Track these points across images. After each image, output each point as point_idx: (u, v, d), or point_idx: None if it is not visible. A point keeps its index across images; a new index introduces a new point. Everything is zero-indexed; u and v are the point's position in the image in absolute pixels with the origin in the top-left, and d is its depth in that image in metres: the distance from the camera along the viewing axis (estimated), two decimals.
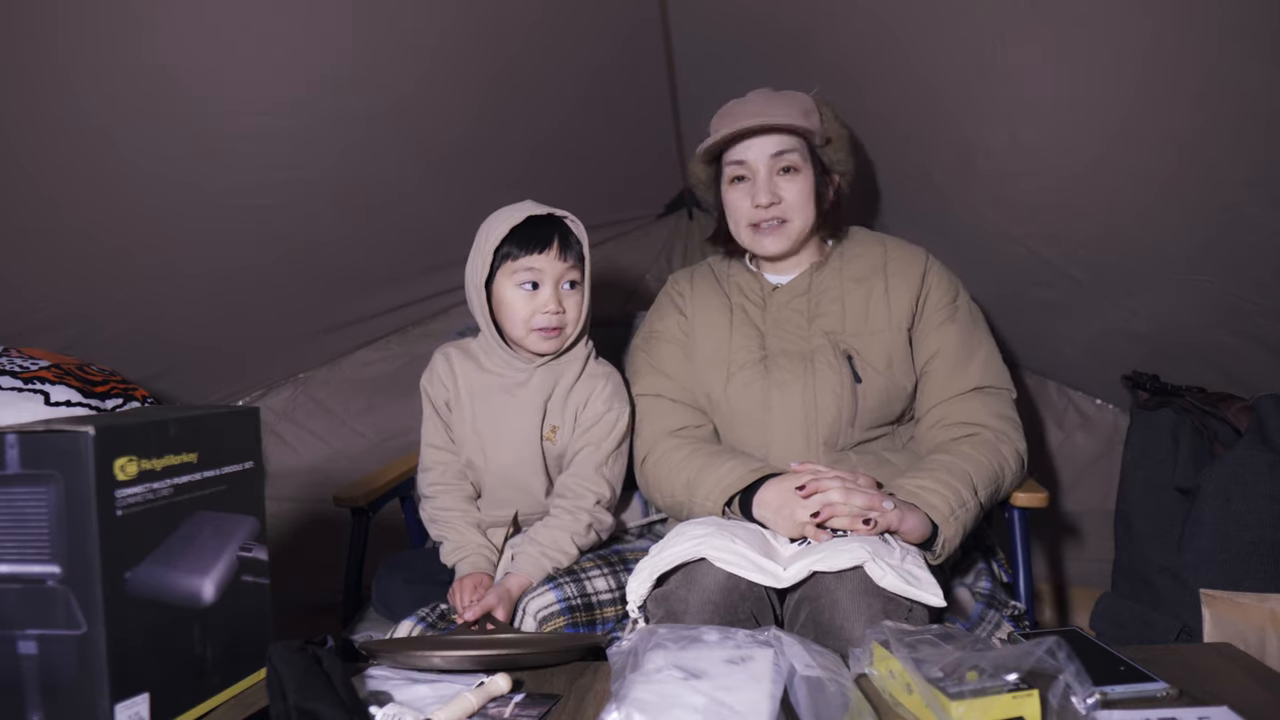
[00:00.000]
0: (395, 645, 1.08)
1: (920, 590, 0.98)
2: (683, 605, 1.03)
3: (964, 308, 1.35)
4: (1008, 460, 1.26)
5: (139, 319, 1.74)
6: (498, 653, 0.98)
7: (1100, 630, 1.66)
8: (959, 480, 1.17)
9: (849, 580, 1.00)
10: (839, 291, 1.34)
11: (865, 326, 1.31)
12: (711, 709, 0.70)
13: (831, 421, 1.27)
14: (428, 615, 1.24)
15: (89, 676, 0.77)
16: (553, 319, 1.32)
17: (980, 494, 1.19)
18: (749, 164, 1.31)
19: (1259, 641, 1.04)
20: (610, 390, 1.38)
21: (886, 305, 1.31)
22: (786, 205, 1.31)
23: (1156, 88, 1.23)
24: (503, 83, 1.67)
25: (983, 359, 1.32)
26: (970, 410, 1.28)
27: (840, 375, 1.27)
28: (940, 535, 1.13)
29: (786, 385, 1.29)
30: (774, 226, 1.32)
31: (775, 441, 1.29)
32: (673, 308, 1.44)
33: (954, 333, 1.32)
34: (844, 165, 1.38)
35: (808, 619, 1.02)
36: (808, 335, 1.32)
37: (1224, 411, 1.57)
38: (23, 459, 0.78)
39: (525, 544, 1.30)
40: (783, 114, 1.29)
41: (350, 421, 2.16)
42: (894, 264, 1.35)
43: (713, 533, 1.06)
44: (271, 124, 1.50)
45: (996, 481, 1.23)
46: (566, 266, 1.33)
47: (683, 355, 1.39)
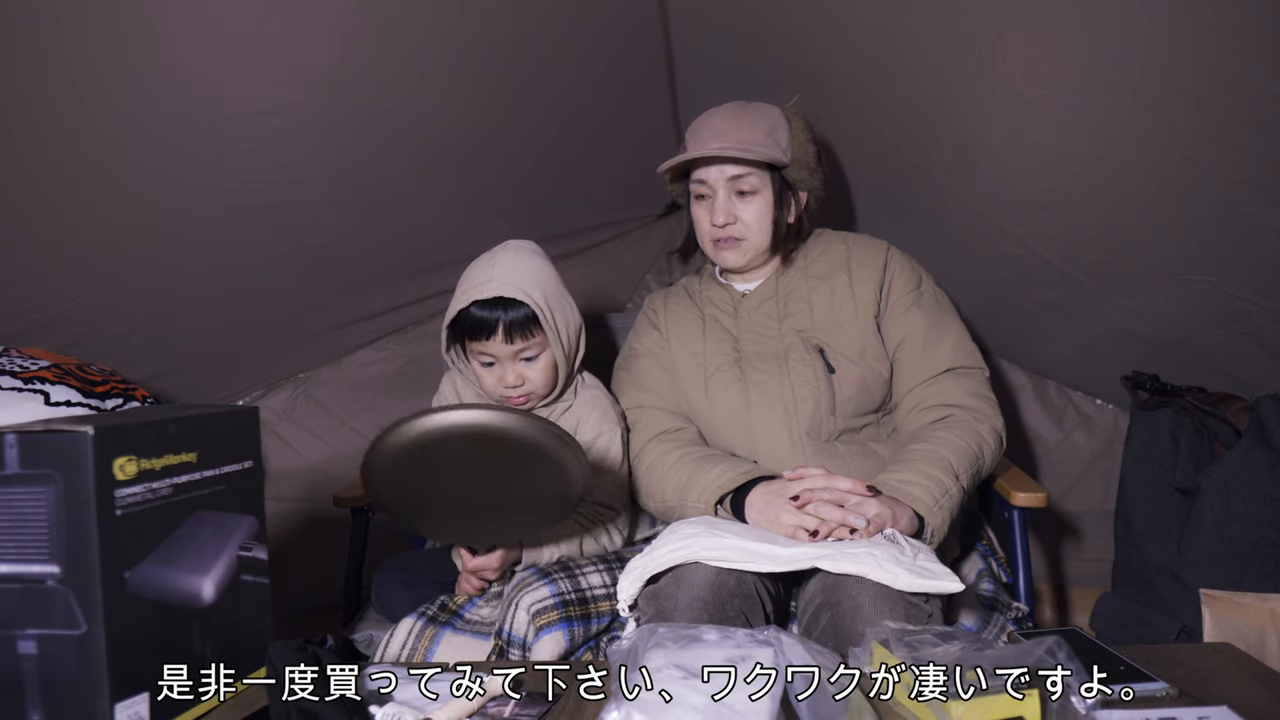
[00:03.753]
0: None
1: (936, 581, 0.98)
2: (672, 603, 1.03)
3: (928, 293, 1.38)
4: (985, 439, 1.26)
5: (139, 319, 1.73)
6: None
7: (1100, 630, 1.66)
8: (939, 469, 1.18)
9: (870, 585, 0.99)
10: (805, 290, 1.38)
11: (833, 319, 1.34)
12: (711, 709, 0.70)
13: (811, 413, 1.29)
14: (428, 609, 1.25)
15: (89, 676, 0.77)
16: (516, 393, 1.34)
17: (962, 478, 1.19)
18: (708, 183, 1.36)
19: (1259, 641, 1.04)
20: (597, 416, 1.39)
21: (852, 298, 1.35)
22: (742, 225, 1.35)
23: (1156, 88, 1.23)
24: (503, 84, 1.67)
25: (952, 340, 1.34)
26: (944, 392, 1.30)
27: (814, 368, 1.31)
28: (928, 526, 1.14)
29: (764, 386, 1.32)
30: (731, 243, 1.36)
31: (760, 440, 1.31)
32: (649, 325, 1.49)
33: (920, 317, 1.34)
34: (809, 183, 1.38)
35: (828, 624, 1.02)
36: (779, 335, 1.36)
37: (1224, 411, 1.57)
38: (22, 459, 0.78)
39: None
40: (744, 138, 1.30)
41: (350, 421, 2.16)
42: (856, 258, 1.38)
43: (703, 532, 1.07)
44: (272, 124, 1.50)
45: (976, 463, 1.24)
46: (516, 349, 1.31)
47: (662, 369, 1.43)
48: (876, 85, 1.58)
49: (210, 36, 1.33)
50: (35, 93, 1.31)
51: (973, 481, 1.24)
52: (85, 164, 1.45)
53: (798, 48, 1.62)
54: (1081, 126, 1.36)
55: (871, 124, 1.68)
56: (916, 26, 1.39)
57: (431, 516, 1.18)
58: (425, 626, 1.22)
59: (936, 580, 0.98)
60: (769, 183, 1.35)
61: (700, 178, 1.36)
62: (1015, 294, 1.84)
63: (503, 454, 1.06)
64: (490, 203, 1.94)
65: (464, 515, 1.16)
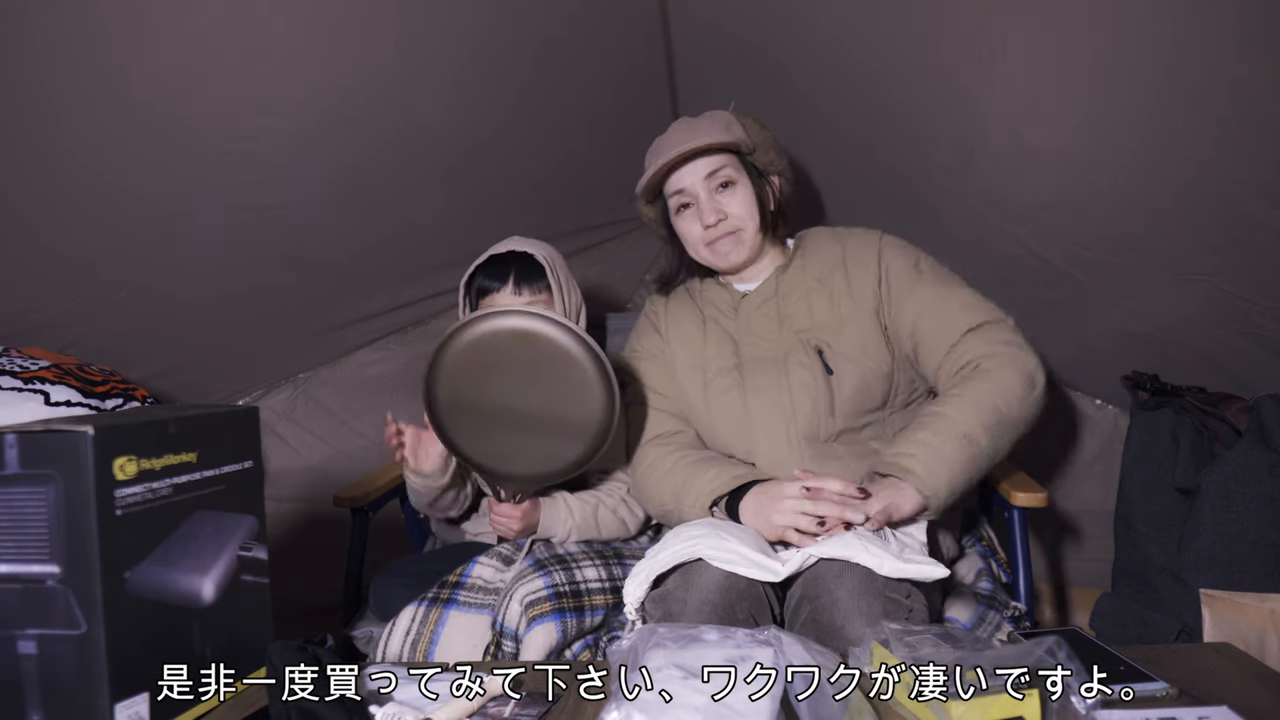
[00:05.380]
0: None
1: (920, 567, 0.98)
2: (681, 606, 1.03)
3: (928, 269, 1.36)
4: (1006, 383, 1.21)
5: (139, 319, 1.73)
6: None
7: (1100, 630, 1.66)
8: (934, 433, 1.15)
9: (848, 580, 1.00)
10: (804, 291, 1.38)
11: (834, 319, 1.34)
12: (711, 709, 0.70)
13: (809, 414, 1.29)
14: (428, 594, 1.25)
15: (89, 676, 0.77)
16: None
17: (973, 432, 1.15)
18: (688, 190, 1.36)
19: (1259, 641, 1.04)
20: None
21: (850, 295, 1.35)
22: (734, 218, 1.36)
23: (1156, 88, 1.23)
24: (505, 87, 1.67)
25: (960, 303, 1.31)
26: (968, 351, 1.27)
27: (812, 371, 1.30)
28: (925, 495, 1.13)
29: (762, 389, 1.32)
30: (728, 239, 1.37)
31: (759, 443, 1.31)
32: (650, 327, 1.50)
33: (926, 293, 1.32)
34: (777, 165, 1.42)
35: (808, 618, 1.02)
36: (779, 338, 1.35)
37: (1224, 411, 1.57)
38: (22, 459, 0.78)
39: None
40: (705, 135, 1.33)
41: (350, 421, 2.16)
42: (851, 255, 1.38)
43: (708, 533, 1.07)
44: (272, 125, 1.50)
45: (995, 411, 1.18)
46: (523, 301, 1.39)
47: (662, 370, 1.44)
48: (876, 85, 1.58)
49: (214, 38, 1.34)
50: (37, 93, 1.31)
51: (997, 429, 1.19)
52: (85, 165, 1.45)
53: (798, 49, 1.62)
54: (1081, 126, 1.36)
55: (871, 124, 1.68)
56: (916, 26, 1.39)
57: (476, 424, 1.27)
58: (429, 610, 1.22)
59: (920, 566, 0.98)
60: (743, 170, 1.37)
61: (677, 187, 1.37)
62: (1015, 294, 1.83)
63: (546, 364, 1.21)
64: (490, 203, 1.94)
65: (500, 428, 1.26)
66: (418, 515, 1.70)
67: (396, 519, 1.71)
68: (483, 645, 1.19)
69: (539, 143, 1.87)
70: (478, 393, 1.25)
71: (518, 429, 1.26)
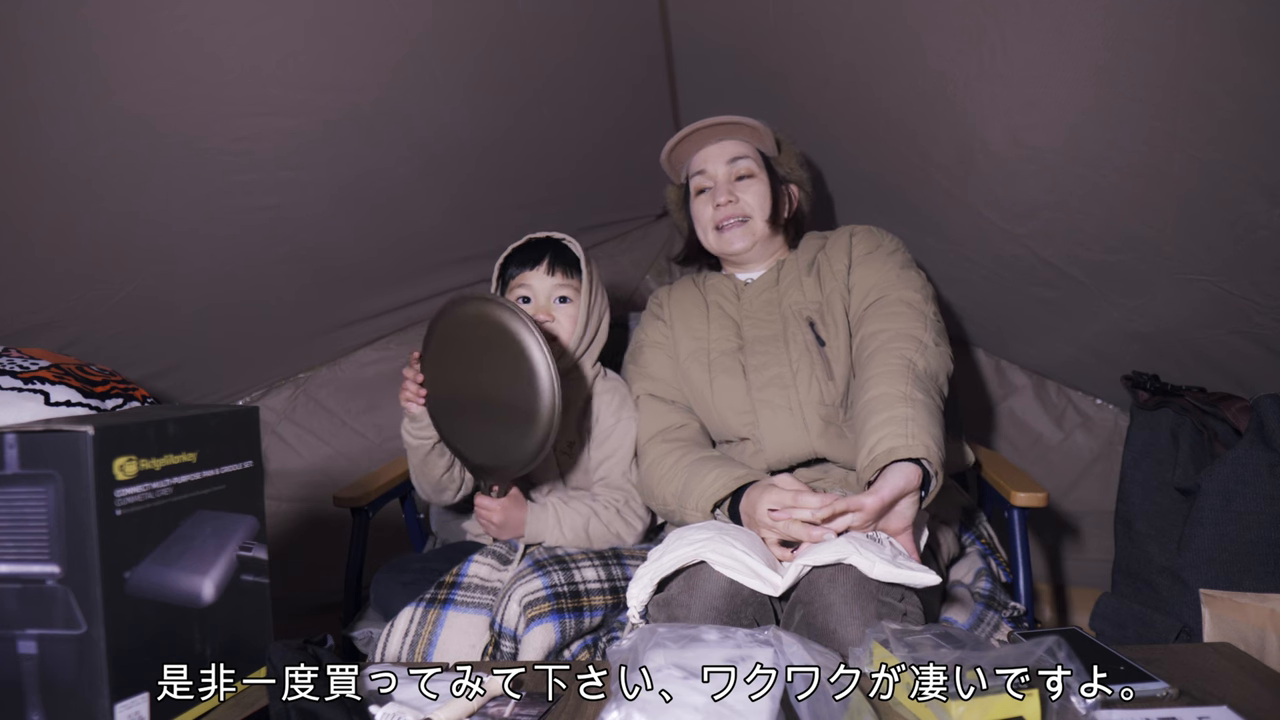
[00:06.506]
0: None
1: (912, 573, 0.98)
2: (685, 611, 1.03)
3: (885, 250, 1.40)
4: (903, 351, 1.21)
5: (139, 319, 1.73)
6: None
7: (1100, 630, 1.66)
8: (881, 413, 1.13)
9: (841, 584, 1.00)
10: (797, 275, 1.44)
11: (820, 297, 1.40)
12: (711, 709, 0.70)
13: (808, 381, 1.33)
14: (425, 595, 1.25)
15: (89, 676, 0.77)
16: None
17: (908, 392, 1.14)
18: (709, 172, 1.46)
19: (1259, 641, 1.04)
20: (617, 403, 1.46)
21: (832, 274, 1.41)
22: (745, 204, 1.44)
23: (1157, 87, 1.23)
24: (506, 86, 1.67)
25: (882, 276, 1.35)
26: (870, 326, 1.29)
27: (806, 340, 1.36)
28: (912, 462, 1.09)
29: (764, 367, 1.37)
30: (736, 224, 1.44)
31: (762, 420, 1.34)
32: (654, 318, 1.54)
33: (870, 268, 1.37)
34: (797, 176, 1.51)
35: (801, 622, 1.02)
36: (778, 316, 1.41)
37: (1224, 411, 1.57)
38: (22, 459, 0.78)
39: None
40: (736, 120, 1.43)
41: (350, 421, 2.16)
42: (830, 241, 1.47)
43: (713, 537, 1.06)
44: (272, 125, 1.50)
45: (910, 365, 1.19)
46: (556, 282, 1.43)
47: (667, 358, 1.48)
48: (875, 85, 1.58)
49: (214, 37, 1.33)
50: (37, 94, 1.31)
51: (921, 383, 1.17)
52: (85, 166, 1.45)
53: (798, 50, 1.62)
54: (1081, 126, 1.36)
55: (871, 124, 1.68)
56: (916, 26, 1.39)
57: (451, 409, 1.33)
58: (426, 610, 1.22)
59: (911, 572, 0.98)
60: (764, 169, 1.46)
61: (699, 169, 1.46)
62: (1015, 294, 1.84)
63: (496, 347, 1.23)
64: (490, 203, 1.94)
65: (468, 414, 1.31)
66: (418, 515, 1.70)
67: (396, 519, 1.71)
68: (481, 645, 1.19)
69: (541, 148, 1.88)
70: (449, 377, 1.31)
71: (482, 417, 1.29)
